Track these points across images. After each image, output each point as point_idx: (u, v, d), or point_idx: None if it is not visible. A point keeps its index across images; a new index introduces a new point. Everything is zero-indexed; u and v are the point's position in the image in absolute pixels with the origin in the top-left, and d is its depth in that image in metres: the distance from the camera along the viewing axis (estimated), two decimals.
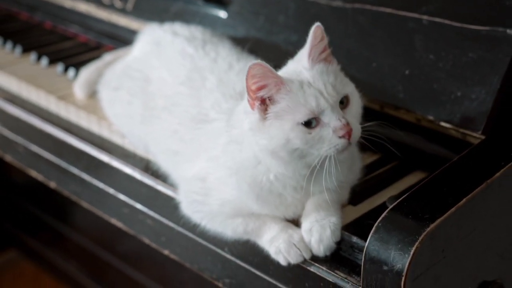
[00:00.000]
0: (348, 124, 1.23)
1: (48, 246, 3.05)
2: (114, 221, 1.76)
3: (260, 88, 1.24)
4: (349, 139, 1.23)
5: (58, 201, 2.60)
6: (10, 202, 3.13)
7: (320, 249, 1.29)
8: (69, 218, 2.88)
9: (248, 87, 1.24)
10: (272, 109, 1.25)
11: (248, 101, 1.26)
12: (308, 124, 1.23)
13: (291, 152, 1.24)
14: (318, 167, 1.24)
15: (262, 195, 1.33)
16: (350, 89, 1.29)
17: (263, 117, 1.25)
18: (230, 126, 1.35)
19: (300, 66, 1.30)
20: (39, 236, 3.09)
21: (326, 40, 1.30)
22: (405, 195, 1.23)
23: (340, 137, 1.23)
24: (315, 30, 1.28)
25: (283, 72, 1.32)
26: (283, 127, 1.24)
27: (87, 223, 2.77)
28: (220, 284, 1.53)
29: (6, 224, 3.18)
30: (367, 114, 1.38)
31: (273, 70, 1.24)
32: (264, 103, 1.25)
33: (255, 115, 1.26)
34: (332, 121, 1.23)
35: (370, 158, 1.56)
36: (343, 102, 1.27)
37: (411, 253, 1.13)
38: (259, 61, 1.22)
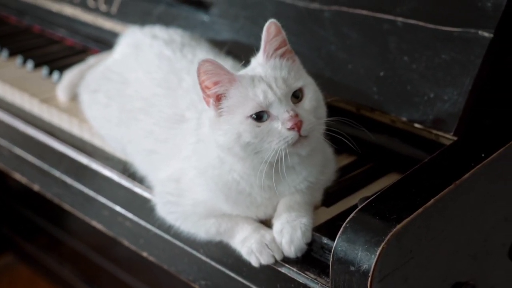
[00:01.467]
0: (297, 116, 1.22)
1: (44, 250, 3.06)
2: (94, 223, 1.77)
3: (213, 85, 1.25)
4: (298, 131, 1.22)
5: (54, 206, 2.60)
6: (7, 207, 3.14)
7: (291, 251, 1.29)
8: (65, 223, 2.89)
9: (201, 84, 1.26)
10: (225, 104, 1.26)
11: (204, 98, 1.27)
12: (259, 118, 1.24)
13: (244, 147, 1.24)
14: (279, 164, 1.24)
15: (231, 195, 1.33)
16: (304, 83, 1.28)
17: (218, 113, 1.26)
18: (199, 125, 1.35)
19: (256, 62, 1.31)
20: (35, 240, 3.10)
21: (282, 36, 1.30)
22: (374, 196, 1.23)
23: (289, 130, 1.22)
24: (269, 26, 1.28)
25: (246, 69, 1.32)
26: (233, 121, 1.25)
27: (82, 228, 2.78)
28: (196, 286, 1.53)
29: (3, 228, 3.19)
30: (344, 116, 1.37)
31: (224, 67, 1.25)
32: (219, 100, 1.26)
33: (211, 112, 1.28)
34: (280, 113, 1.23)
35: (346, 160, 1.56)
36: (298, 96, 1.27)
37: (377, 253, 1.12)
38: (208, 58, 1.24)
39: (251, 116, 1.24)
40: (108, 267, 2.72)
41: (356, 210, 1.21)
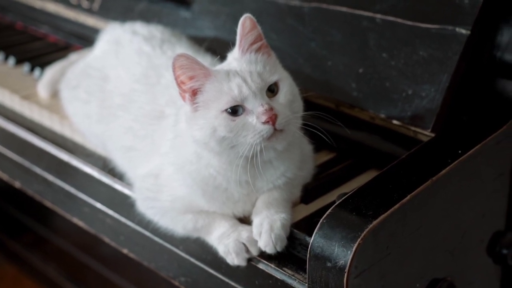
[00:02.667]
0: (271, 109, 1.22)
1: (28, 249, 3.04)
2: (76, 220, 1.76)
3: (189, 79, 1.26)
4: (273, 125, 1.22)
5: (38, 204, 2.59)
6: None
7: (271, 238, 1.28)
8: (50, 221, 2.88)
9: (176, 79, 1.26)
10: (200, 98, 1.26)
11: (180, 93, 1.27)
12: (234, 112, 1.24)
13: (220, 141, 1.24)
14: (255, 158, 1.24)
15: (208, 191, 1.33)
16: (280, 77, 1.28)
17: (194, 108, 1.27)
18: (177, 121, 1.35)
19: (232, 57, 1.31)
20: (20, 239, 3.08)
21: (257, 31, 1.30)
22: (351, 192, 1.23)
23: (263, 123, 1.22)
24: (244, 21, 1.28)
25: (222, 64, 1.32)
26: (208, 115, 1.25)
27: (67, 226, 2.76)
28: (176, 283, 1.53)
29: None
30: (324, 112, 1.37)
31: (199, 61, 1.25)
32: (195, 95, 1.26)
33: (187, 107, 1.28)
34: (255, 107, 1.23)
35: (326, 157, 1.56)
36: (273, 91, 1.27)
37: (353, 249, 1.13)
38: (183, 52, 1.24)
39: (226, 110, 1.24)
40: (93, 265, 2.72)
41: (333, 206, 1.21)
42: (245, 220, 1.38)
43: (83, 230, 1.80)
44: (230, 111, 1.24)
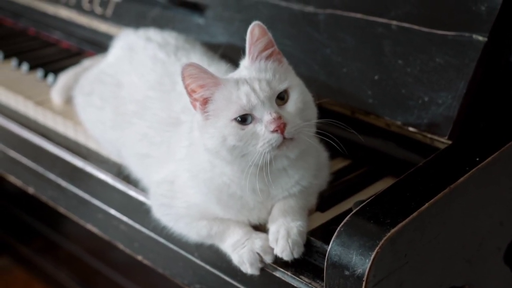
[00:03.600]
0: (280, 118, 1.22)
1: (40, 253, 3.05)
2: (89, 226, 1.76)
3: (199, 88, 1.26)
4: (282, 133, 1.21)
5: (50, 209, 2.60)
6: (2, 209, 3.13)
7: (288, 244, 1.27)
8: (61, 226, 2.88)
9: (186, 88, 1.26)
10: (210, 107, 1.26)
11: (191, 102, 1.28)
12: (243, 121, 1.23)
13: (230, 150, 1.24)
14: (267, 167, 1.23)
15: (223, 198, 1.33)
16: (290, 84, 1.27)
17: (205, 117, 1.27)
18: (191, 128, 1.35)
19: (243, 65, 1.31)
20: (31, 243, 3.09)
21: (267, 38, 1.29)
22: (368, 200, 1.23)
23: (272, 132, 1.21)
24: (252, 29, 1.28)
25: (234, 73, 1.32)
26: (218, 124, 1.25)
27: (78, 231, 2.77)
28: None
29: None
30: (339, 120, 1.37)
31: (208, 70, 1.25)
32: (206, 103, 1.26)
33: (198, 115, 1.28)
34: (263, 115, 1.23)
35: (340, 164, 1.56)
36: (283, 98, 1.26)
37: (372, 257, 1.12)
38: (191, 62, 1.24)
39: (235, 119, 1.23)
40: (105, 270, 2.72)
41: (351, 214, 1.21)
42: (260, 228, 1.38)
43: (94, 235, 1.80)
44: (239, 119, 1.23)
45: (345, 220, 1.19)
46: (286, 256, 1.28)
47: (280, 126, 1.21)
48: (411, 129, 1.44)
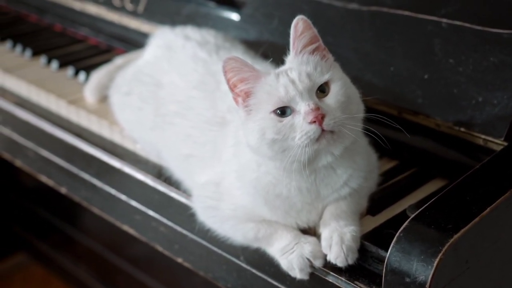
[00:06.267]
0: (318, 109, 1.18)
1: (57, 249, 3.04)
2: (126, 227, 1.74)
3: (240, 82, 1.24)
4: (320, 125, 1.18)
5: (67, 205, 2.58)
6: (20, 205, 3.12)
7: (342, 250, 1.24)
8: (79, 222, 2.86)
9: (228, 82, 1.24)
10: (252, 101, 1.24)
11: (233, 98, 1.26)
12: (283, 113, 1.21)
13: (270, 144, 1.21)
14: (312, 163, 1.21)
15: (270, 199, 1.30)
16: (331, 77, 1.24)
17: (247, 111, 1.25)
18: (237, 128, 1.33)
19: (287, 60, 1.29)
20: (49, 239, 3.08)
21: (312, 32, 1.26)
22: (427, 204, 1.20)
23: (310, 123, 1.18)
24: (296, 23, 1.25)
25: (279, 69, 1.30)
26: (258, 117, 1.23)
27: (97, 226, 2.75)
28: None
29: (16, 227, 3.17)
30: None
31: (249, 64, 1.23)
32: (248, 97, 1.25)
33: (240, 111, 1.26)
34: (302, 107, 1.20)
35: (387, 165, 1.52)
36: (325, 91, 1.23)
37: (435, 264, 1.09)
38: (233, 55, 1.23)
39: (274, 111, 1.21)
40: (124, 266, 2.70)
41: (409, 219, 1.18)
42: (309, 232, 1.35)
43: (112, 231, 1.77)
44: (279, 112, 1.21)
45: (404, 226, 1.16)
46: (340, 262, 1.25)
47: (317, 117, 1.18)
48: (462, 129, 1.40)
